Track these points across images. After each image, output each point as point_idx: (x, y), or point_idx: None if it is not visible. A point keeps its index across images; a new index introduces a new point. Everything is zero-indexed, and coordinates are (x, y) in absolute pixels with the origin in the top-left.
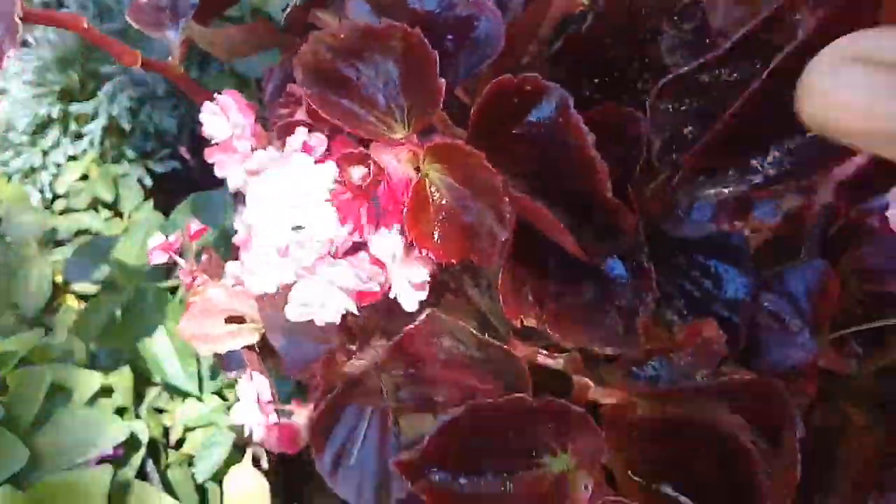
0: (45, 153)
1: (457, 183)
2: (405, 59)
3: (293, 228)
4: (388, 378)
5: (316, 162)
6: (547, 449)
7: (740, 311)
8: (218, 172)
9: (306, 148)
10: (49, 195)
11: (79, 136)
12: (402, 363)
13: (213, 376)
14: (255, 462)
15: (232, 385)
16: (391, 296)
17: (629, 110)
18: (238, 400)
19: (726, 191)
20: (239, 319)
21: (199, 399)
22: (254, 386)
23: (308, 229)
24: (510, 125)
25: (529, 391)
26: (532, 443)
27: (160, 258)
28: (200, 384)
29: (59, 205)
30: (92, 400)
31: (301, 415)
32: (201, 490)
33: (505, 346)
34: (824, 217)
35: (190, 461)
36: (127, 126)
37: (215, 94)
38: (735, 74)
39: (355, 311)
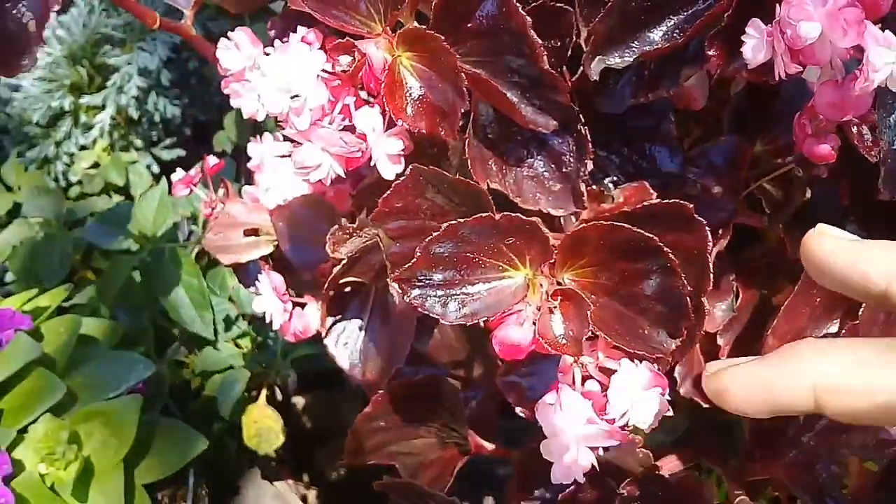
0: (58, 144)
1: (423, 66)
2: None
3: (291, 98)
4: (384, 233)
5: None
6: (511, 264)
7: (671, 183)
8: (233, 102)
9: (305, 40)
10: (63, 183)
11: (89, 128)
12: (392, 215)
13: (227, 328)
14: (270, 400)
15: (245, 335)
16: (371, 164)
17: (560, 5)
18: (254, 343)
19: (629, 58)
20: (255, 232)
21: (215, 347)
22: (271, 280)
23: (302, 99)
24: (464, 21)
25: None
26: (499, 258)
27: (182, 191)
28: (216, 333)
29: (74, 191)
30: (117, 348)
31: (313, 306)
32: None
33: (472, 182)
34: (737, 104)
35: (210, 409)
36: (135, 114)
37: (229, 33)
38: None
39: (342, 174)
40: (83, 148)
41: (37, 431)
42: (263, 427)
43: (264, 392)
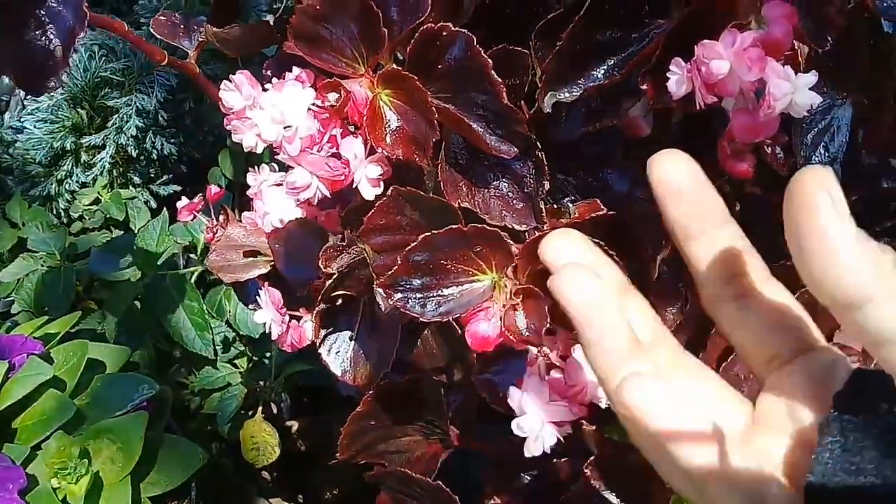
0: (60, 182)
1: (400, 101)
2: (360, 20)
3: (285, 128)
4: (369, 247)
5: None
6: (479, 269)
7: (622, 202)
8: (234, 137)
9: (299, 79)
10: (65, 219)
11: (90, 166)
12: (376, 231)
13: (225, 349)
14: (266, 416)
15: (242, 355)
16: (353, 186)
17: (518, 48)
18: (250, 362)
19: (577, 92)
20: (254, 253)
21: (214, 367)
22: (270, 294)
23: (294, 129)
24: (435, 63)
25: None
26: (469, 264)
27: (186, 216)
28: (215, 353)
29: (76, 226)
30: (122, 371)
31: (307, 319)
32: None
33: (443, 199)
34: (676, 131)
35: (208, 428)
36: (133, 153)
37: (230, 76)
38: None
39: (328, 195)
40: (84, 185)
41: (49, 448)
42: (260, 441)
43: (260, 409)
